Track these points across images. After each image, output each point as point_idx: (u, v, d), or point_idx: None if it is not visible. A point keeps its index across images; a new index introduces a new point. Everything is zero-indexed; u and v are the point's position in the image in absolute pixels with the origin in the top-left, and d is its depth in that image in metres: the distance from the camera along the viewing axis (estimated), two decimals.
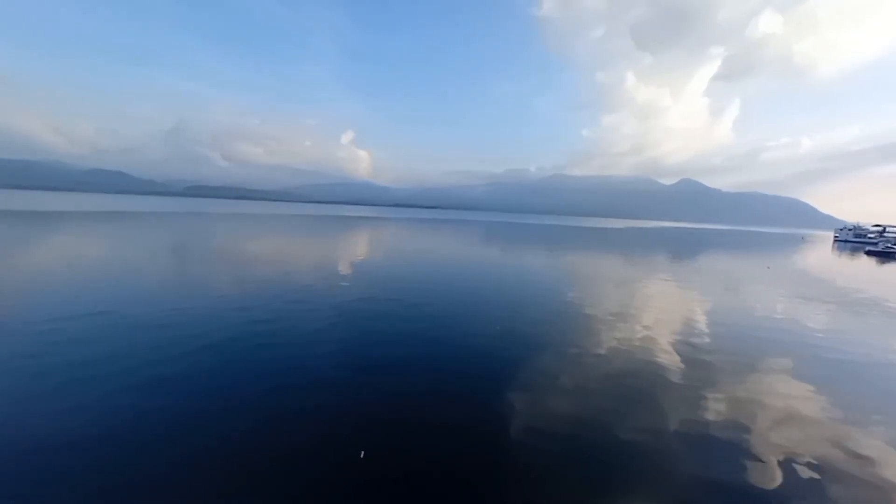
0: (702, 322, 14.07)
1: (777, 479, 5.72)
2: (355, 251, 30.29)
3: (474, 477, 5.43)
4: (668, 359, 10.08)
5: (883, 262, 46.84)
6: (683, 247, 58.60)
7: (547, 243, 50.27)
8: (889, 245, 65.21)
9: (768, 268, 34.17)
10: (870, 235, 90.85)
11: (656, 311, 15.38)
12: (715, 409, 7.64)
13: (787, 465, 6.04)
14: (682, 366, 9.65)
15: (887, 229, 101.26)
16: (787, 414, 7.62)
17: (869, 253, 60.05)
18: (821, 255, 54.44)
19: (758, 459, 6.13)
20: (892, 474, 5.93)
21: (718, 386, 8.66)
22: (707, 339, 11.94)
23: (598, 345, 10.84)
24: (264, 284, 16.44)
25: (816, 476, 5.83)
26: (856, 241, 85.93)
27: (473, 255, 32.09)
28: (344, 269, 21.66)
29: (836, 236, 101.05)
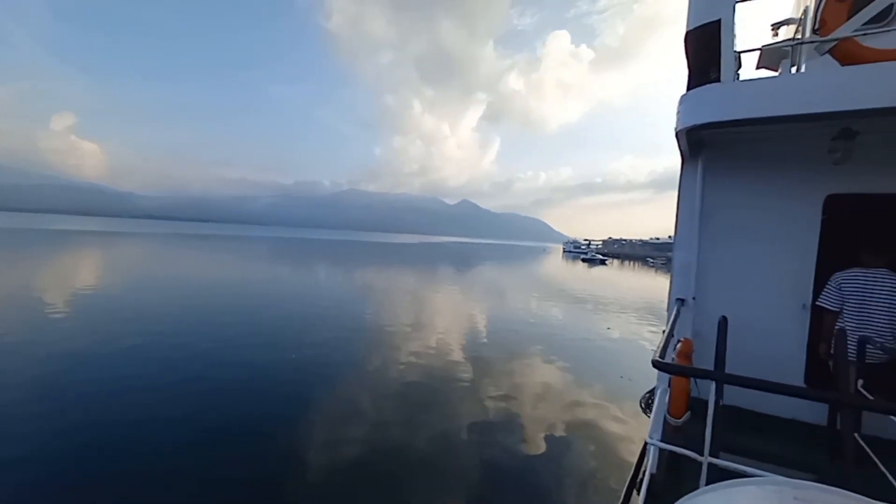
0: (480, 324, 15.96)
1: (540, 448, 6.69)
2: (77, 280, 23.61)
3: None
4: (455, 362, 10.89)
5: (591, 267, 64.05)
6: (465, 259, 67.01)
7: (343, 260, 49.88)
8: (594, 254, 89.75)
9: (524, 274, 42.23)
10: (582, 247, 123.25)
11: (444, 319, 16.67)
12: (492, 399, 8.54)
13: (546, 434, 7.15)
14: (466, 366, 10.54)
15: (591, 243, 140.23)
16: (543, 391, 9.15)
17: (584, 260, 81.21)
18: (555, 263, 70.75)
19: (526, 436, 7.06)
20: (611, 426, 7.74)
21: (494, 378, 9.78)
22: (484, 339, 13.52)
23: (393, 359, 10.92)
24: None
25: (565, 435, 7.11)
26: (575, 251, 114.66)
27: (256, 277, 29.14)
28: (53, 307, 16.54)
29: (564, 248, 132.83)
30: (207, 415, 7.15)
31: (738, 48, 3.67)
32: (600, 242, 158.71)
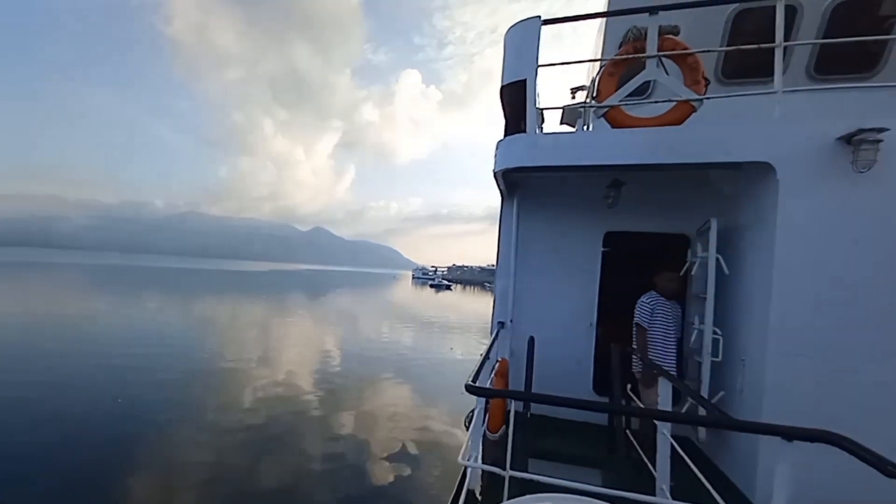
0: (333, 354, 15.09)
1: (388, 471, 6.48)
2: None
3: None
4: (305, 395, 10.03)
5: (438, 292, 66.97)
6: (317, 287, 63.44)
7: (177, 291, 42.23)
8: (440, 280, 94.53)
9: (376, 301, 41.91)
10: (429, 273, 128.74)
11: (296, 351, 15.32)
12: (343, 429, 8.07)
13: (393, 457, 6.99)
14: (317, 398, 9.79)
15: (438, 269, 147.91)
16: (392, 415, 9.00)
17: (431, 286, 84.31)
18: (406, 289, 72.31)
19: (375, 462, 6.79)
20: (453, 441, 7.91)
21: (345, 407, 9.27)
22: (336, 368, 12.78)
23: (236, 397, 9.53)
24: None
25: (413, 455, 7.07)
26: (423, 277, 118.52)
27: (64, 312, 22.64)
28: None
29: (413, 275, 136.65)
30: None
31: (544, 105, 4.20)
32: (446, 269, 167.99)
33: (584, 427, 4.21)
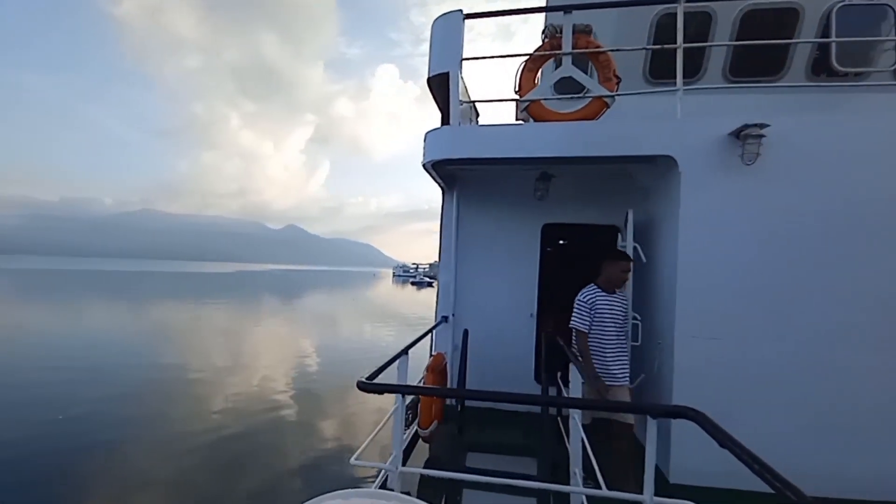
0: (310, 356, 15.26)
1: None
2: None
3: None
4: (281, 403, 9.97)
5: (419, 289, 67.49)
6: (290, 288, 62.91)
7: (126, 295, 41.39)
8: (422, 277, 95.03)
9: (353, 300, 42.20)
10: (410, 270, 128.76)
11: (268, 357, 15.33)
12: (323, 435, 8.16)
13: (378, 453, 7.44)
14: (294, 406, 9.77)
15: (419, 266, 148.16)
16: (377, 419, 9.13)
17: (412, 283, 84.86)
18: (386, 287, 72.69)
19: (358, 471, 6.67)
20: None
21: (325, 414, 9.39)
22: (314, 374, 12.86)
23: (203, 410, 9.36)
24: None
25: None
26: (405, 275, 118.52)
27: None
28: None
29: (394, 272, 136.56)
30: None
31: (495, 97, 4.27)
32: (427, 266, 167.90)
33: (526, 417, 4.31)
